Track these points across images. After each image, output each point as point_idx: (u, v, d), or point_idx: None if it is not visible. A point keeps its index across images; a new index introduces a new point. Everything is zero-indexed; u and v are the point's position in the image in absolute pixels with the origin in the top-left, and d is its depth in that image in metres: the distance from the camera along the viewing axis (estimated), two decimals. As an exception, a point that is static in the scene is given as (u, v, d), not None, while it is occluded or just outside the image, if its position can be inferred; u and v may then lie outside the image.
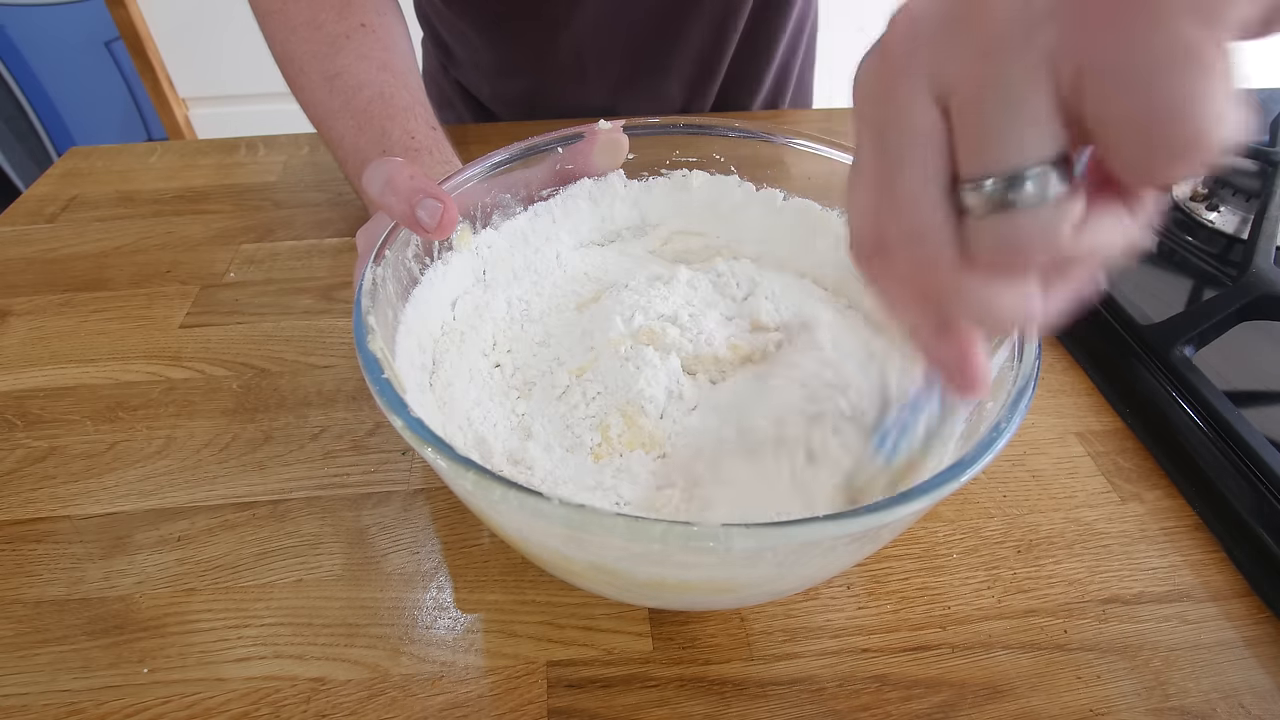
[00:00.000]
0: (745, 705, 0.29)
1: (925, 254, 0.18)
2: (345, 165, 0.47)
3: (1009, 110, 0.16)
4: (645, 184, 0.41)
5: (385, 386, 0.24)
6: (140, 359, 0.45)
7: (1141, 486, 0.38)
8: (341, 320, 0.48)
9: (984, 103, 0.16)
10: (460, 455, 0.22)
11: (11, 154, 1.64)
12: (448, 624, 0.32)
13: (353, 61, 0.47)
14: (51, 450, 0.39)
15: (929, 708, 0.29)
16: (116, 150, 0.67)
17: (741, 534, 0.20)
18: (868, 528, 0.21)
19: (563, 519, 0.21)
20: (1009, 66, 0.16)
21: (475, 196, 0.37)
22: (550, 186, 0.40)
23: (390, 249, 0.31)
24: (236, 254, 0.54)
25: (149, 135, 1.74)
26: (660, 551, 0.22)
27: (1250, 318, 0.43)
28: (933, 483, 0.21)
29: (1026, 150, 0.16)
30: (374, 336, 0.27)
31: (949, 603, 0.33)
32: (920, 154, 0.17)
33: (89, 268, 0.53)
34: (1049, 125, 0.16)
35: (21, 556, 0.34)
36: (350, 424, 0.41)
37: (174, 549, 0.35)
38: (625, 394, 0.32)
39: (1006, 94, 0.16)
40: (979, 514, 0.37)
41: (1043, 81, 0.15)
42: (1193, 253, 0.53)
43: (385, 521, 0.36)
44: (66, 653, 0.31)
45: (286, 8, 0.49)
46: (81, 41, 1.57)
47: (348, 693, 0.30)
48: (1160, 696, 0.30)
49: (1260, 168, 0.56)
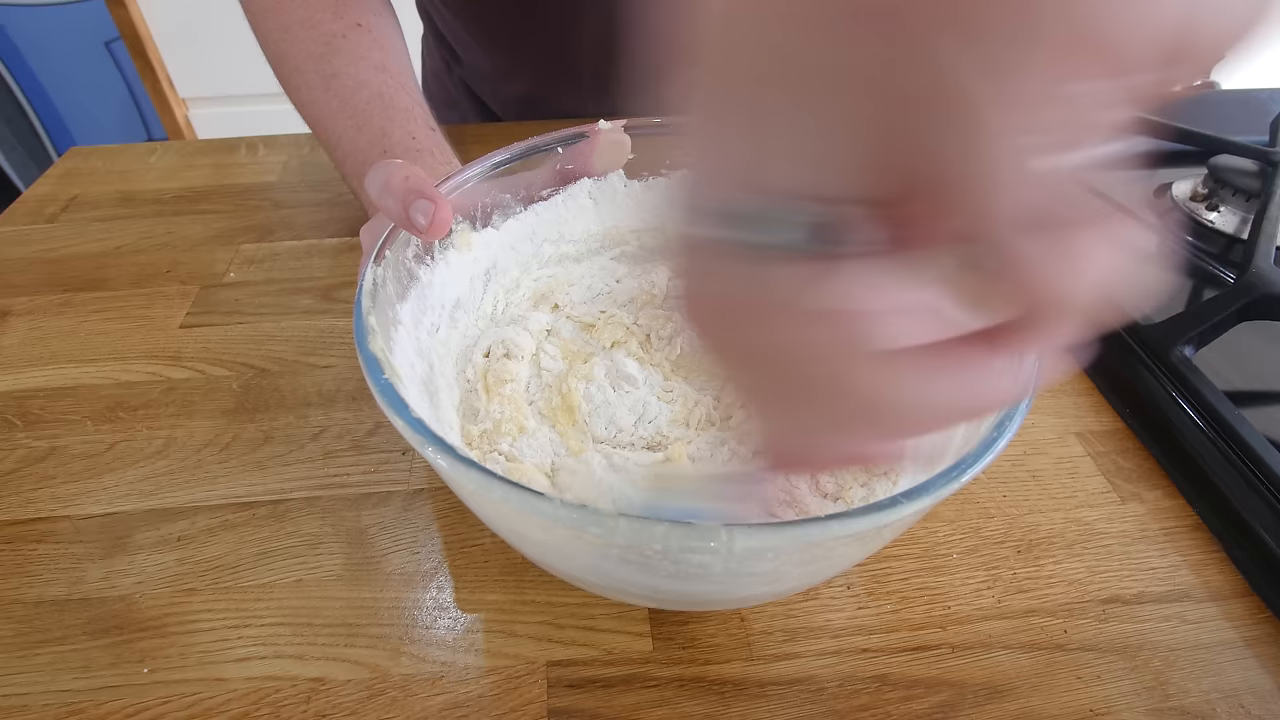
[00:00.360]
0: (745, 705, 0.29)
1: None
2: (343, 165, 0.47)
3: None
4: (645, 184, 0.41)
5: (386, 387, 0.24)
6: (140, 359, 0.45)
7: (1141, 486, 0.38)
8: (341, 320, 0.48)
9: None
10: (461, 455, 0.22)
11: (11, 154, 1.64)
12: (448, 624, 0.32)
13: (350, 62, 0.47)
14: (51, 450, 0.39)
15: (929, 708, 0.29)
16: (116, 150, 0.67)
17: (743, 534, 0.20)
18: (869, 527, 0.21)
19: (564, 519, 0.21)
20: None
21: (475, 197, 0.37)
22: (551, 187, 0.40)
23: (390, 249, 0.31)
24: (236, 254, 0.54)
25: (149, 135, 1.74)
26: (661, 552, 0.22)
27: (1250, 318, 0.43)
28: (934, 483, 0.21)
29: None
30: (374, 336, 0.27)
31: (949, 603, 0.33)
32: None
33: (89, 268, 0.53)
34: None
35: (21, 556, 0.34)
36: (350, 424, 0.41)
37: (174, 549, 0.35)
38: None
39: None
40: (979, 514, 0.37)
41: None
42: (1193, 253, 0.53)
43: (385, 521, 0.36)
44: (66, 653, 0.31)
45: (281, 7, 0.49)
46: (81, 41, 1.57)
47: (348, 693, 0.30)
48: (1160, 696, 0.30)
49: (1260, 168, 0.56)
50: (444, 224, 0.32)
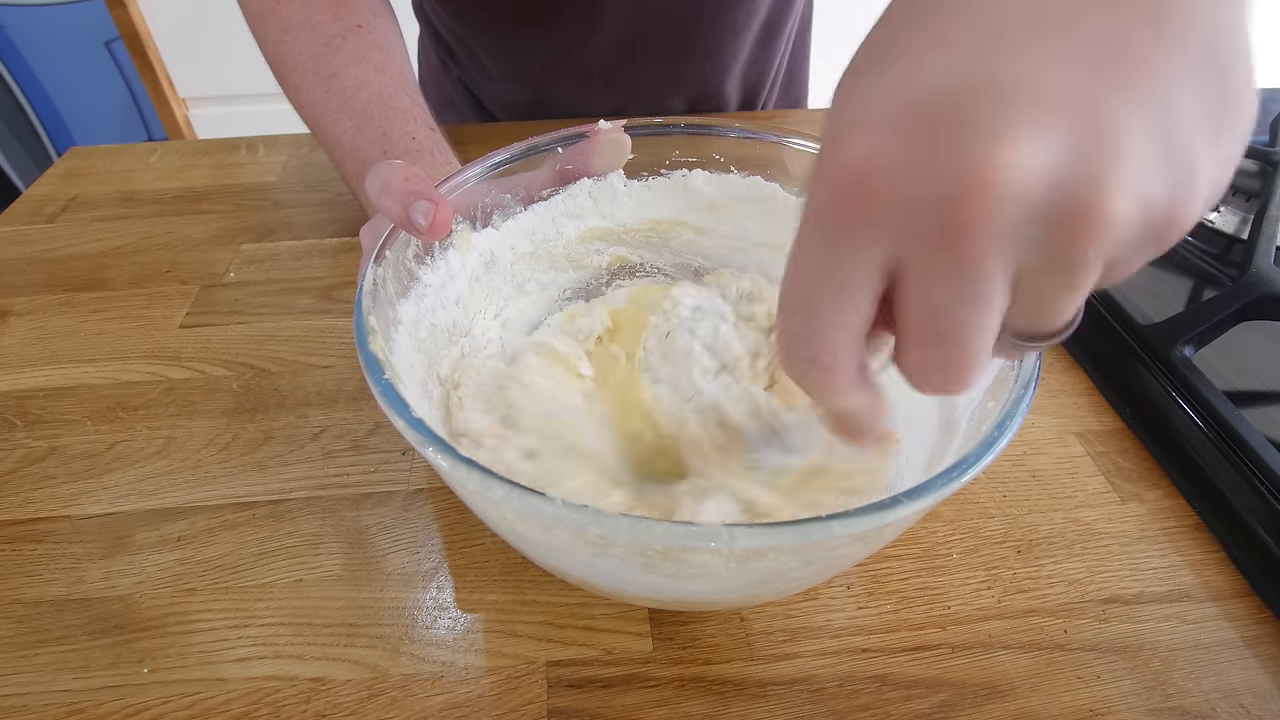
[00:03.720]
0: (745, 705, 0.29)
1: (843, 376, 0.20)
2: (343, 166, 0.47)
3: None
4: (645, 183, 0.41)
5: (387, 387, 0.24)
6: (140, 359, 0.45)
7: (1141, 486, 0.38)
8: (341, 320, 0.48)
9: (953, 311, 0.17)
10: (463, 455, 0.22)
11: (11, 154, 1.65)
12: (448, 624, 0.32)
13: (350, 63, 0.47)
14: (51, 450, 0.39)
15: (929, 708, 0.29)
16: (116, 150, 0.67)
17: (745, 533, 0.20)
18: (870, 527, 0.21)
19: (565, 519, 0.21)
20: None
21: (475, 197, 0.37)
22: (550, 187, 0.40)
23: (390, 249, 0.31)
24: (236, 254, 0.54)
25: (149, 135, 1.74)
26: (662, 551, 0.22)
27: (1250, 318, 0.43)
28: (935, 482, 0.22)
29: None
30: (375, 337, 0.27)
31: (949, 603, 0.33)
32: (864, 309, 0.19)
33: (89, 268, 0.53)
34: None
35: (21, 556, 0.34)
36: (350, 424, 0.41)
37: (174, 549, 0.35)
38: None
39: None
40: (979, 514, 0.37)
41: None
42: (1193, 253, 0.53)
43: (385, 521, 0.36)
44: (66, 653, 0.31)
45: (280, 8, 0.49)
46: (81, 41, 1.57)
47: (348, 693, 0.30)
48: (1160, 696, 0.30)
49: (1260, 168, 0.56)
50: (444, 225, 0.32)
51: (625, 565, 0.24)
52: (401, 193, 0.31)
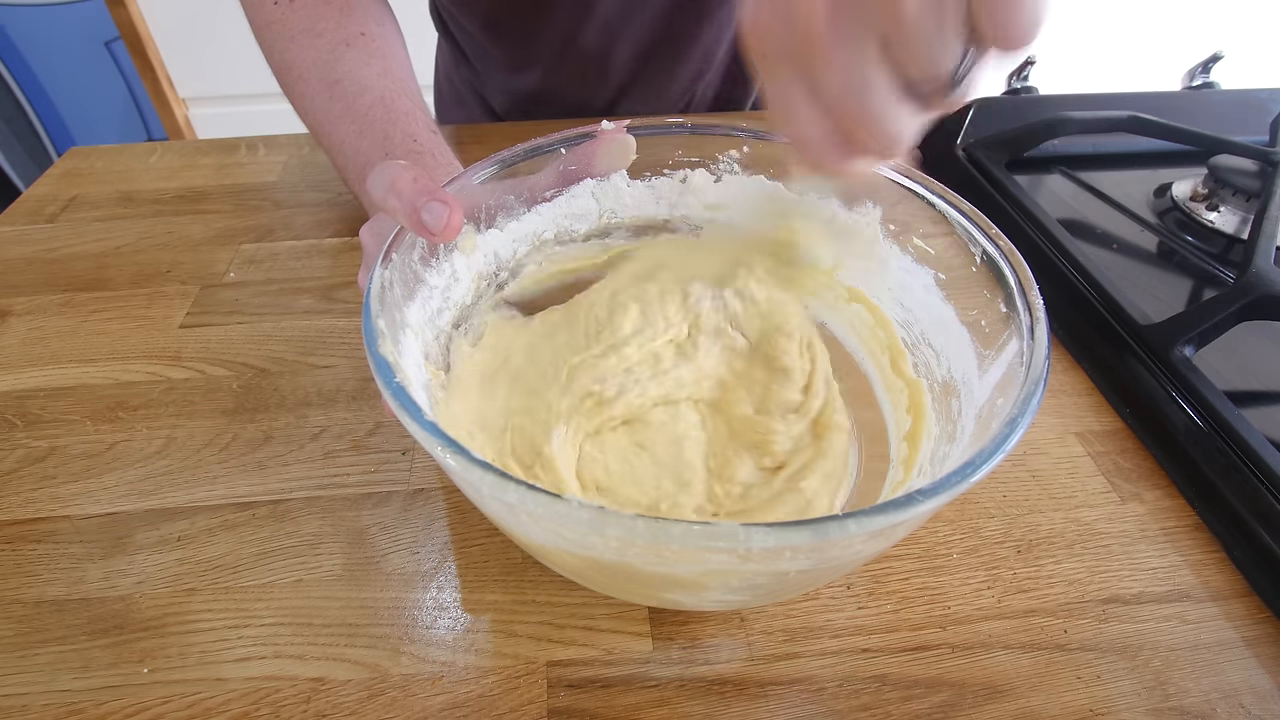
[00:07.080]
0: (745, 705, 0.29)
1: (869, 99, 0.22)
2: (345, 170, 0.47)
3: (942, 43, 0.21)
4: (648, 184, 0.41)
5: (399, 390, 0.24)
6: (140, 359, 0.45)
7: (1141, 486, 0.38)
8: (341, 320, 0.48)
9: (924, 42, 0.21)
10: (477, 458, 0.22)
11: (11, 154, 1.64)
12: (448, 624, 0.32)
13: (354, 68, 0.47)
14: (51, 450, 0.39)
15: (929, 708, 0.29)
16: (116, 150, 0.67)
17: (761, 534, 0.20)
18: (885, 525, 0.21)
19: (581, 521, 0.21)
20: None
21: (479, 198, 0.37)
22: (554, 188, 0.39)
23: (397, 251, 0.31)
24: (236, 254, 0.54)
25: (149, 135, 1.74)
26: (678, 551, 0.22)
27: (1250, 318, 0.43)
28: (947, 481, 0.22)
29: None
30: (384, 340, 0.26)
31: (949, 603, 0.33)
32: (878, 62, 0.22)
33: (89, 268, 0.53)
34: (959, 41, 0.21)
35: (21, 556, 0.34)
36: (350, 424, 0.41)
37: (174, 549, 0.35)
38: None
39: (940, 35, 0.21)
40: (979, 514, 0.37)
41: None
42: (1193, 253, 0.53)
43: (385, 521, 0.36)
44: (66, 653, 0.31)
45: (285, 17, 0.50)
46: (81, 41, 1.57)
47: (348, 693, 0.30)
48: (1160, 696, 0.30)
49: (1260, 168, 0.56)
50: (457, 227, 0.31)
51: (641, 564, 0.24)
52: (411, 194, 0.31)
